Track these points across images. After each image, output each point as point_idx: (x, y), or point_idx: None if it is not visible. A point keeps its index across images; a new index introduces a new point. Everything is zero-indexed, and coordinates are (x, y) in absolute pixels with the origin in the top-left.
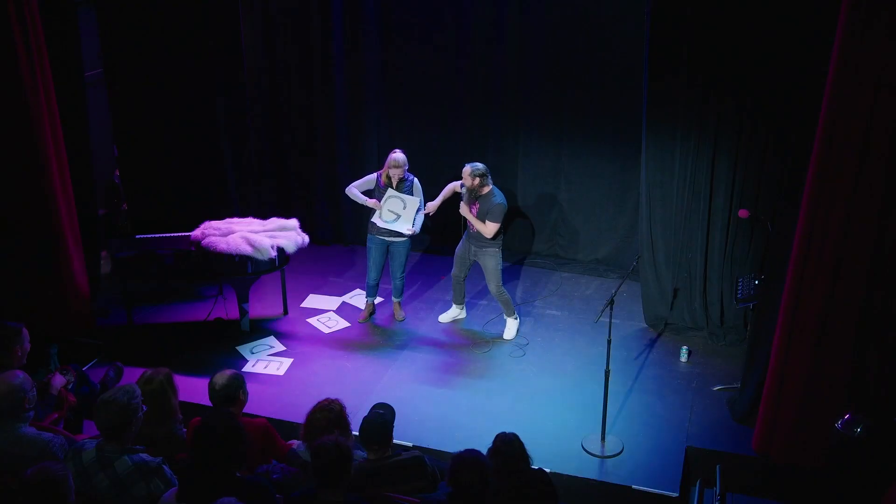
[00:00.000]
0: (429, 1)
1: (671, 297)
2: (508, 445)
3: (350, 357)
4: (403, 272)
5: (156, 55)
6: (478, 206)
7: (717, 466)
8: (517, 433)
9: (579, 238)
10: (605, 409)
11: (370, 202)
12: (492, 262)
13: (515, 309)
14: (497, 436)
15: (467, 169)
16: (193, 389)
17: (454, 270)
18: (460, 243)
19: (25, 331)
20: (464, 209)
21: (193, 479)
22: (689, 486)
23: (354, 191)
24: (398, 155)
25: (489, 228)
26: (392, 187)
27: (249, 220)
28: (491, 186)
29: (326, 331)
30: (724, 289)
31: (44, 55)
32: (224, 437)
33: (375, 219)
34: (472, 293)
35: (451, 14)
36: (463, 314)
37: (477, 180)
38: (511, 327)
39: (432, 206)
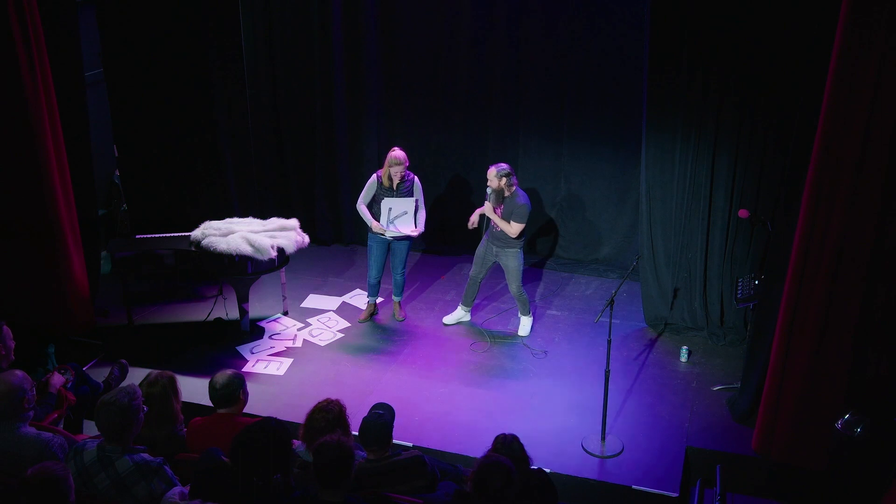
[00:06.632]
0: (428, 1)
1: (671, 297)
2: (508, 447)
3: (350, 357)
4: (404, 268)
5: (156, 55)
6: (502, 207)
7: (717, 466)
8: (517, 433)
9: (579, 238)
10: (605, 409)
11: (375, 225)
12: (514, 262)
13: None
14: (496, 437)
15: (492, 170)
16: (193, 389)
17: (473, 271)
18: (481, 244)
19: (7, 328)
20: (488, 209)
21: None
22: (689, 486)
23: (363, 208)
24: (398, 153)
25: (514, 229)
26: (392, 187)
27: (249, 220)
28: (515, 187)
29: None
30: (724, 289)
31: (44, 55)
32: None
33: (382, 229)
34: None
35: (451, 14)
36: (468, 317)
37: (503, 180)
38: (525, 324)
39: (473, 220)
